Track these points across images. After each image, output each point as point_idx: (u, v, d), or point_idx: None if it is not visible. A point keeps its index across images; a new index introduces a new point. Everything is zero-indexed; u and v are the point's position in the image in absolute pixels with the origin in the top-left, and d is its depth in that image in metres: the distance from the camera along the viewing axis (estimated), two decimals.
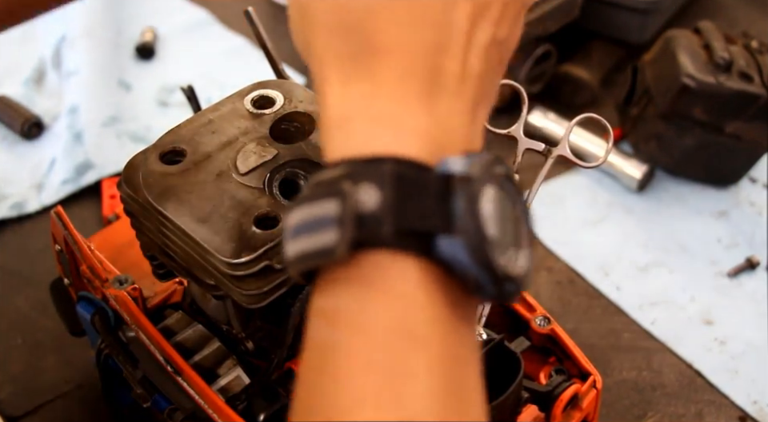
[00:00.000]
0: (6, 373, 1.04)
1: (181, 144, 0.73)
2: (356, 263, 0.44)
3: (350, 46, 0.48)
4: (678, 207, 1.24)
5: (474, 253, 0.43)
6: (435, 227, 0.44)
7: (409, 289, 0.44)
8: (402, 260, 0.44)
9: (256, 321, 0.77)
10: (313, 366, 0.45)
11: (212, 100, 0.79)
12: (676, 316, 1.11)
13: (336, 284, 0.45)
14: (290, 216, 0.46)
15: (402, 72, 0.48)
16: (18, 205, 1.22)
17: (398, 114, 0.47)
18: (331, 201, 0.43)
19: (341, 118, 0.47)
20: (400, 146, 0.45)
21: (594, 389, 0.79)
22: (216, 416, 0.74)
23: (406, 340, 0.44)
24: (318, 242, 0.43)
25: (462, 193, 0.44)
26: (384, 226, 0.43)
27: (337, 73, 0.49)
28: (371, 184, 0.43)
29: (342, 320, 0.44)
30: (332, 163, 0.46)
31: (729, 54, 1.16)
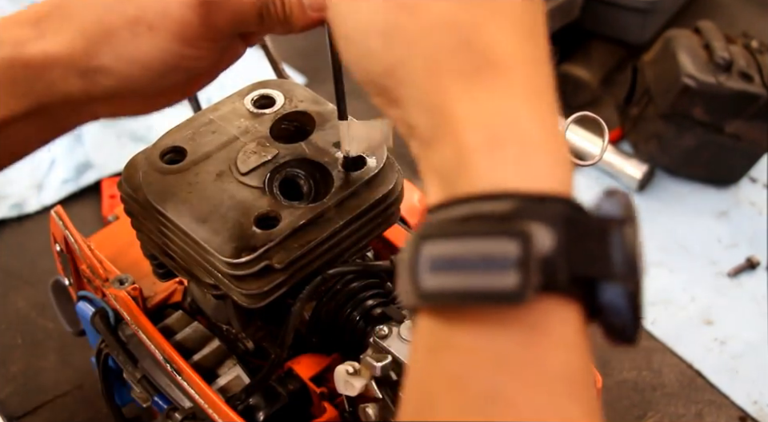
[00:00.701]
0: (6, 373, 1.04)
1: (181, 144, 0.73)
2: (527, 307, 0.42)
3: (468, 64, 0.46)
4: (678, 207, 1.24)
5: (631, 300, 0.43)
6: (599, 273, 0.43)
7: (572, 335, 0.44)
8: (569, 305, 0.43)
9: (256, 321, 0.77)
10: (457, 408, 0.43)
11: (212, 100, 0.79)
12: (676, 316, 1.11)
13: (498, 326, 0.42)
14: (430, 245, 0.43)
15: (529, 87, 0.46)
16: (17, 204, 1.22)
17: (545, 138, 0.45)
18: (508, 241, 0.41)
19: (488, 141, 0.44)
20: (556, 180, 0.44)
21: (594, 389, 0.79)
22: (216, 415, 0.74)
23: (569, 388, 0.43)
24: (489, 282, 0.41)
25: (620, 237, 0.43)
26: (560, 272, 0.42)
27: (460, 91, 0.45)
28: (544, 225, 0.42)
29: (504, 365, 0.42)
30: (488, 193, 0.43)
31: (729, 54, 1.16)
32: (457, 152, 0.45)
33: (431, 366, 0.44)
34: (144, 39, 0.59)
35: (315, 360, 0.77)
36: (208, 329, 0.81)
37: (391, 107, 0.49)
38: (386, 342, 0.70)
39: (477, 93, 0.45)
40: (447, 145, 0.45)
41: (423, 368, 0.45)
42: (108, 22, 0.59)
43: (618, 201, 0.44)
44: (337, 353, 0.77)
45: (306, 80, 1.37)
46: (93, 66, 0.60)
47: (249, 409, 0.75)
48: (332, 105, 0.77)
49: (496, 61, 0.46)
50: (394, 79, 0.48)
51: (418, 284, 0.43)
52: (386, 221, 0.74)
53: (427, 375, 0.45)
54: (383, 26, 0.47)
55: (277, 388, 0.76)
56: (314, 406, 0.77)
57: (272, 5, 0.60)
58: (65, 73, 0.60)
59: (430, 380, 0.44)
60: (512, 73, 0.46)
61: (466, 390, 0.43)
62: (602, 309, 0.43)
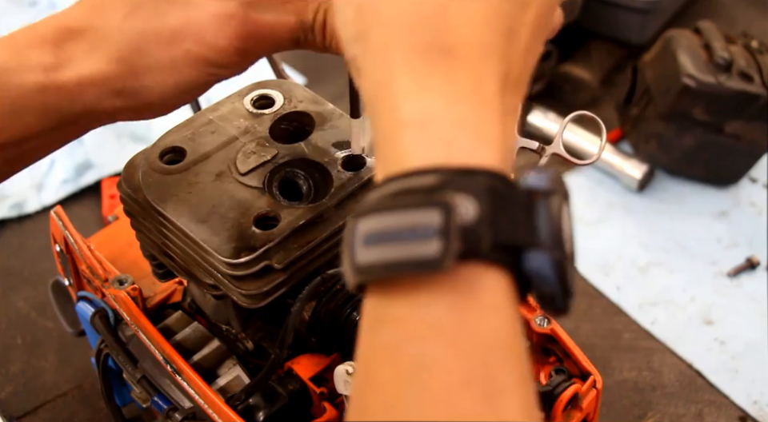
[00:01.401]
0: (6, 373, 1.04)
1: (180, 144, 0.73)
2: (452, 275, 0.43)
3: (421, 42, 0.47)
4: (677, 207, 1.24)
5: (557, 268, 0.44)
6: (524, 241, 0.44)
7: (500, 302, 0.44)
8: (494, 272, 0.44)
9: (256, 321, 0.77)
10: (392, 380, 0.43)
11: (212, 100, 0.79)
12: (676, 316, 1.11)
13: (426, 294, 0.43)
14: (363, 222, 0.44)
15: (477, 75, 0.47)
16: (17, 204, 1.22)
17: (477, 121, 0.46)
18: (432, 211, 0.42)
19: (420, 120, 0.46)
20: (483, 156, 0.45)
21: (594, 389, 0.79)
22: (216, 415, 0.74)
23: (499, 354, 0.44)
24: (415, 252, 0.42)
25: (545, 208, 0.44)
26: (483, 240, 0.43)
27: (408, 69, 0.47)
28: (467, 195, 0.43)
29: (434, 333, 0.43)
30: (416, 169, 0.44)
31: (729, 54, 1.16)
32: (390, 127, 0.47)
33: (371, 340, 0.45)
34: (181, 65, 0.60)
35: (315, 360, 0.77)
36: (208, 329, 0.81)
37: (357, 77, 0.51)
38: None
39: (422, 72, 0.47)
40: (384, 119, 0.47)
41: (364, 343, 0.46)
42: (144, 47, 0.60)
43: (546, 175, 0.45)
44: (337, 353, 0.77)
45: (306, 80, 1.37)
46: (128, 87, 0.61)
47: (249, 409, 0.75)
48: (331, 105, 0.77)
49: (450, 44, 0.47)
50: (359, 47, 0.49)
51: (354, 260, 0.44)
52: None
53: (368, 348, 0.46)
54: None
55: (277, 388, 0.76)
56: (313, 406, 0.77)
57: (311, 35, 0.62)
58: (100, 95, 0.61)
59: (370, 352, 0.45)
60: (462, 58, 0.47)
61: (399, 359, 0.43)
62: (529, 277, 0.44)
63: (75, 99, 0.60)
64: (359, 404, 0.46)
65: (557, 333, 0.80)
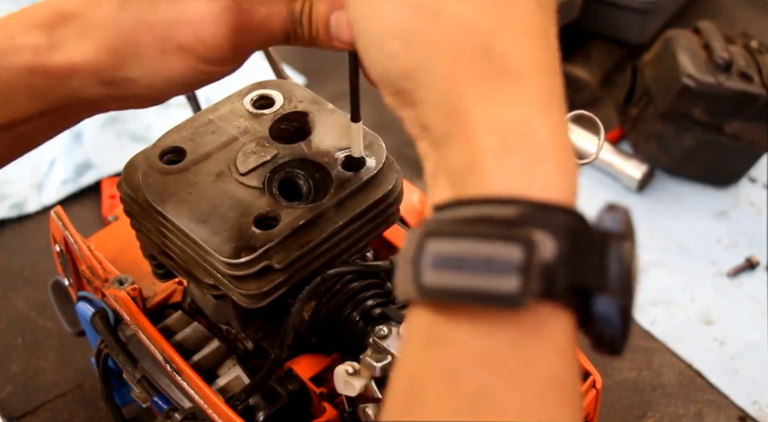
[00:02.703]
0: (6, 373, 1.04)
1: (180, 144, 0.73)
2: (524, 311, 0.43)
3: (485, 68, 0.47)
4: (677, 207, 1.24)
5: (622, 313, 0.44)
6: (596, 285, 0.44)
7: (564, 343, 0.44)
8: (564, 313, 0.44)
9: (256, 321, 0.77)
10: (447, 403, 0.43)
11: (212, 100, 0.79)
12: (676, 316, 1.11)
13: (494, 326, 0.43)
14: (435, 243, 0.43)
15: (543, 94, 0.47)
16: (17, 204, 1.22)
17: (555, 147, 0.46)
18: (513, 246, 0.42)
19: (500, 148, 0.45)
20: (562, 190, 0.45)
21: (594, 389, 0.79)
22: (215, 416, 0.74)
23: (558, 394, 0.44)
24: (492, 285, 0.42)
25: (617, 252, 0.44)
26: (559, 280, 0.43)
27: (478, 96, 0.46)
28: (548, 233, 0.43)
29: (497, 365, 0.43)
30: (495, 197, 0.44)
31: (728, 54, 1.16)
32: (470, 154, 0.46)
33: (424, 359, 0.45)
34: (172, 58, 0.60)
35: (315, 360, 0.77)
36: (208, 329, 0.81)
37: (406, 107, 0.50)
38: (385, 342, 0.70)
39: (493, 99, 0.46)
40: (460, 146, 0.46)
41: (416, 361, 0.45)
42: (136, 39, 0.59)
43: (618, 216, 0.45)
44: (336, 353, 0.77)
45: (306, 80, 1.37)
46: (117, 77, 0.60)
47: (248, 409, 0.75)
48: (331, 105, 0.77)
49: (513, 67, 0.47)
50: (413, 81, 0.48)
51: (419, 279, 0.43)
52: (385, 222, 0.74)
53: (420, 368, 0.45)
54: (404, 29, 0.48)
55: (277, 388, 0.76)
56: (313, 406, 0.77)
57: (299, 28, 0.61)
58: (87, 82, 0.60)
59: (423, 373, 0.45)
60: (527, 81, 0.47)
61: (457, 386, 0.43)
62: (594, 320, 0.44)
63: (63, 83, 0.60)
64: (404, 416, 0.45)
65: None
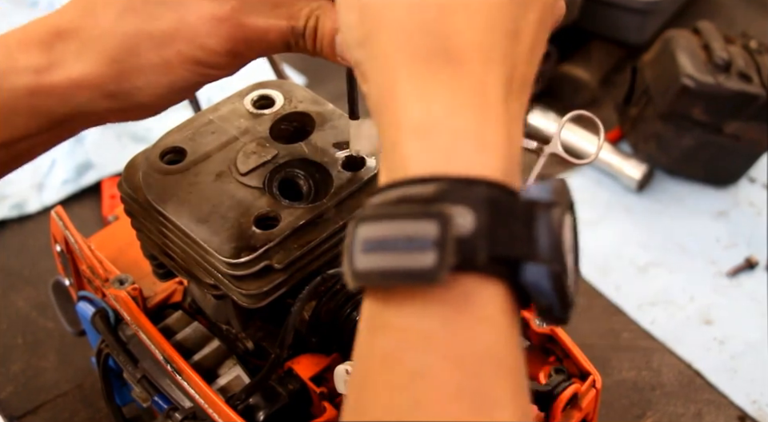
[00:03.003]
0: (7, 373, 1.04)
1: (181, 144, 0.74)
2: (447, 286, 0.43)
3: (424, 47, 0.47)
4: (677, 207, 1.24)
5: (554, 281, 0.44)
6: (522, 254, 0.44)
7: (495, 314, 0.44)
8: (490, 284, 0.44)
9: (256, 321, 0.77)
10: (387, 386, 0.44)
11: (212, 100, 0.80)
12: (675, 316, 1.11)
13: (422, 304, 0.44)
14: (363, 227, 0.44)
15: (481, 81, 0.47)
16: (18, 205, 1.22)
17: (479, 128, 0.46)
18: (429, 222, 0.42)
19: (421, 127, 0.46)
20: (485, 166, 0.45)
21: (594, 389, 0.79)
22: (216, 415, 0.74)
23: (493, 367, 0.44)
24: (410, 262, 0.42)
25: (545, 220, 0.44)
26: (479, 252, 0.43)
27: (411, 75, 0.47)
28: (466, 207, 0.43)
29: (429, 343, 0.43)
30: (417, 177, 0.44)
31: (728, 54, 1.17)
32: (394, 133, 0.47)
33: (368, 345, 0.46)
34: (174, 67, 0.60)
35: (315, 360, 0.77)
36: (208, 329, 0.81)
37: (362, 82, 0.51)
38: None
39: (425, 78, 0.47)
40: (388, 125, 0.47)
41: (362, 347, 0.46)
42: (136, 49, 0.60)
43: (548, 185, 0.45)
44: (337, 353, 0.77)
45: (306, 80, 1.37)
46: (121, 89, 0.61)
47: (249, 409, 0.75)
48: (331, 105, 0.77)
49: (453, 49, 0.47)
50: (363, 52, 0.49)
51: (352, 265, 0.44)
52: None
53: (365, 353, 0.46)
54: (361, 1, 0.49)
55: (277, 387, 0.76)
56: (313, 406, 0.77)
57: (301, 41, 0.62)
58: (91, 96, 0.60)
59: (367, 358, 0.46)
60: (466, 64, 0.47)
61: (394, 368, 0.44)
62: (527, 289, 0.45)
63: (66, 101, 0.60)
64: (356, 407, 0.46)
65: (556, 333, 0.80)
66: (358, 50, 0.50)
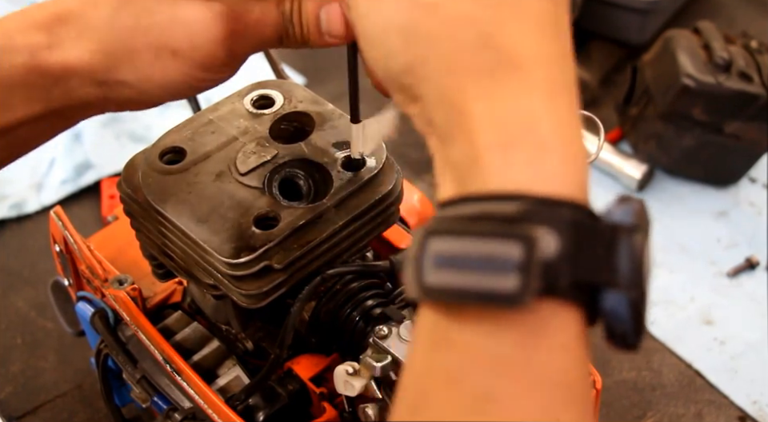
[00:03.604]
0: (6, 373, 1.04)
1: (180, 144, 0.73)
2: (527, 310, 0.42)
3: (485, 61, 0.46)
4: (677, 207, 1.24)
5: (633, 309, 0.43)
6: (603, 280, 0.43)
7: (571, 341, 0.44)
8: (569, 310, 0.43)
9: (256, 321, 0.77)
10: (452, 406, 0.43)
11: (212, 100, 0.79)
12: (676, 316, 1.11)
13: (497, 326, 0.43)
14: (437, 241, 0.43)
15: (549, 86, 0.46)
16: (17, 205, 1.22)
17: (561, 139, 0.45)
18: (512, 244, 0.41)
19: (502, 141, 0.44)
20: (569, 182, 0.44)
21: (594, 389, 0.79)
22: (215, 416, 0.74)
23: (565, 395, 0.43)
24: (492, 284, 0.41)
25: (627, 246, 0.43)
26: (561, 277, 0.42)
27: (478, 89, 0.46)
28: (550, 229, 0.42)
29: (501, 366, 0.43)
30: (498, 193, 0.43)
31: (728, 54, 1.16)
32: (471, 149, 0.45)
33: (429, 361, 0.45)
34: (167, 63, 0.60)
35: (315, 360, 0.77)
36: (207, 330, 0.81)
37: (411, 104, 0.50)
38: (385, 342, 0.70)
39: (494, 92, 0.46)
40: (462, 142, 0.46)
41: (421, 362, 0.45)
42: (131, 43, 0.59)
43: (630, 208, 0.44)
44: (336, 353, 0.77)
45: (306, 80, 1.37)
46: (112, 79, 0.60)
47: (248, 409, 0.75)
48: (331, 105, 0.77)
49: (515, 59, 0.46)
50: (414, 76, 0.48)
51: (421, 279, 0.43)
52: (385, 222, 0.74)
53: (425, 369, 0.45)
54: (403, 25, 0.48)
55: (276, 388, 0.76)
56: (313, 406, 0.77)
57: (291, 28, 0.61)
58: (83, 83, 0.60)
59: (428, 374, 0.45)
60: (531, 72, 0.46)
61: (461, 388, 0.43)
62: (604, 316, 0.44)
63: (59, 84, 0.60)
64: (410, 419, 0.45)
65: None
66: (406, 76, 0.48)
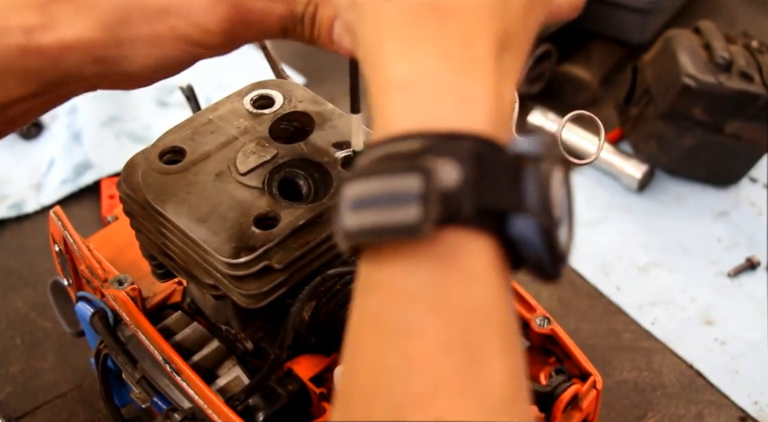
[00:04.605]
0: (5, 374, 1.04)
1: (180, 144, 0.73)
2: (433, 240, 0.43)
3: (412, 4, 0.47)
4: (677, 207, 1.24)
5: (543, 234, 0.43)
6: (509, 206, 0.43)
7: (483, 268, 0.44)
8: (477, 238, 0.44)
9: (255, 321, 0.77)
10: (377, 345, 0.44)
11: (211, 100, 0.79)
12: (676, 316, 1.11)
13: (409, 260, 0.43)
14: (350, 187, 0.44)
15: (468, 35, 0.46)
16: (16, 205, 1.22)
17: (464, 83, 0.46)
18: (412, 176, 0.42)
19: (405, 82, 0.46)
20: (470, 120, 0.45)
21: (594, 389, 0.79)
22: (215, 416, 0.73)
23: (481, 321, 0.43)
24: (396, 217, 0.42)
25: (534, 173, 0.43)
26: (464, 205, 0.43)
27: (397, 35, 0.47)
28: (451, 160, 0.43)
29: (416, 299, 0.43)
30: (401, 134, 0.44)
31: (729, 54, 1.16)
32: (379, 89, 0.47)
33: (360, 306, 0.46)
34: (165, 39, 0.60)
35: (315, 360, 0.77)
36: (207, 330, 0.81)
37: (354, 45, 0.50)
38: None
39: (411, 35, 0.47)
40: (375, 81, 0.47)
41: (355, 307, 0.46)
42: (129, 18, 0.59)
43: (537, 139, 0.45)
44: (336, 353, 0.77)
45: (306, 80, 1.37)
46: (109, 56, 0.60)
47: (248, 410, 0.75)
48: (331, 105, 0.77)
49: (442, 6, 0.47)
50: (354, 13, 0.49)
51: (341, 224, 0.44)
52: None
53: (357, 316, 0.46)
54: None
55: (276, 388, 0.76)
56: (313, 406, 0.77)
57: (299, 26, 0.61)
58: (81, 60, 0.60)
59: (358, 319, 0.46)
60: (453, 20, 0.47)
61: (383, 325, 0.44)
62: (515, 243, 0.44)
63: (56, 63, 0.60)
64: (349, 370, 0.46)
65: (557, 333, 0.80)
66: (349, 12, 0.50)
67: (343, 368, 0.46)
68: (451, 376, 0.42)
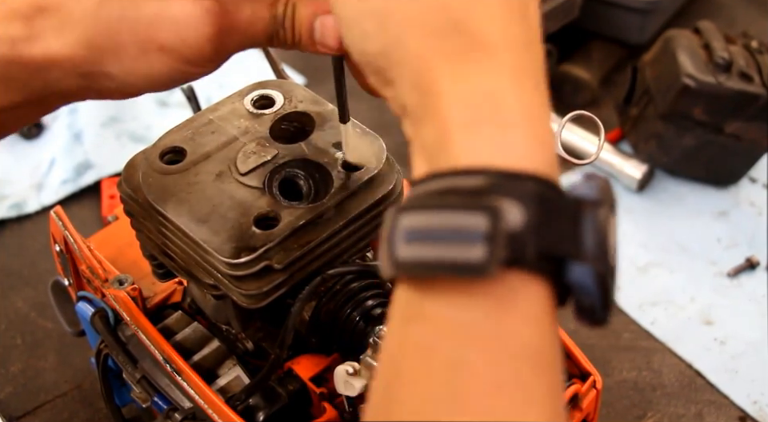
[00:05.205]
0: (6, 373, 1.04)
1: (180, 144, 0.73)
2: (495, 281, 0.43)
3: (456, 44, 0.48)
4: (677, 207, 1.24)
5: (599, 281, 0.44)
6: (569, 252, 0.44)
7: (539, 311, 0.44)
8: (536, 281, 0.44)
9: (256, 321, 0.77)
10: (429, 377, 0.44)
11: (212, 100, 0.79)
12: (676, 316, 1.11)
13: (466, 296, 0.44)
14: (406, 217, 0.44)
15: (514, 68, 0.47)
16: (17, 205, 1.22)
17: (526, 119, 0.46)
18: (478, 215, 0.42)
19: (469, 120, 0.46)
20: (533, 159, 0.45)
21: (594, 389, 0.79)
22: (215, 416, 0.74)
23: (534, 363, 0.44)
24: (459, 255, 0.42)
25: (593, 219, 0.44)
26: (528, 248, 0.43)
27: (449, 72, 0.47)
28: (515, 202, 0.43)
29: (470, 335, 0.43)
30: (465, 169, 0.45)
31: (729, 54, 1.16)
32: (439, 129, 0.47)
33: (402, 335, 0.46)
34: (153, 58, 0.59)
35: (315, 360, 0.77)
36: (208, 330, 0.81)
37: (385, 87, 0.51)
38: None
39: (463, 73, 0.47)
40: (431, 122, 0.47)
41: (395, 338, 0.46)
42: (117, 36, 0.59)
43: (594, 184, 0.45)
44: (337, 353, 0.77)
45: (306, 80, 1.37)
46: (95, 72, 0.60)
47: (248, 409, 0.75)
48: (332, 105, 0.77)
49: (483, 43, 0.48)
50: (388, 60, 0.50)
51: (393, 254, 0.44)
52: None
53: (397, 343, 0.46)
54: (378, 9, 0.49)
55: (277, 388, 0.76)
56: (313, 406, 0.77)
57: (281, 30, 0.61)
58: (65, 74, 0.60)
59: (400, 348, 0.45)
60: (497, 55, 0.48)
61: (430, 359, 0.44)
62: (571, 288, 0.44)
63: (40, 75, 0.59)
64: (386, 399, 0.45)
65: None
66: (381, 59, 0.50)
67: (378, 392, 0.46)
68: (500, 413, 0.43)
